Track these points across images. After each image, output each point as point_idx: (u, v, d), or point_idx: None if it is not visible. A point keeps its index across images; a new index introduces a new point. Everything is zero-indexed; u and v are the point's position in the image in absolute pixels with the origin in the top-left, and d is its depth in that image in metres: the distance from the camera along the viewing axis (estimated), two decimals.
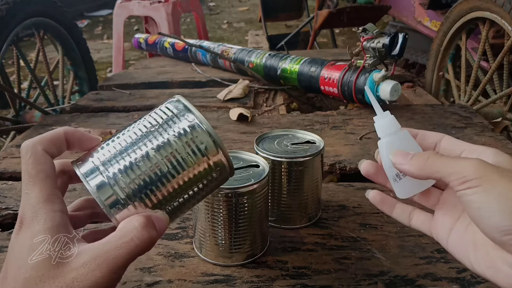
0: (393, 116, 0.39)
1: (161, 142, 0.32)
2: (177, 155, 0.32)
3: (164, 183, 0.32)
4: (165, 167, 0.32)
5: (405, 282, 0.45)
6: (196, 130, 0.32)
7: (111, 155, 0.32)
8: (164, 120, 0.33)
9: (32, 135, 0.88)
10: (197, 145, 0.32)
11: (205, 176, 0.34)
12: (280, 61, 1.07)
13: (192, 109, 0.33)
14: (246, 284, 0.45)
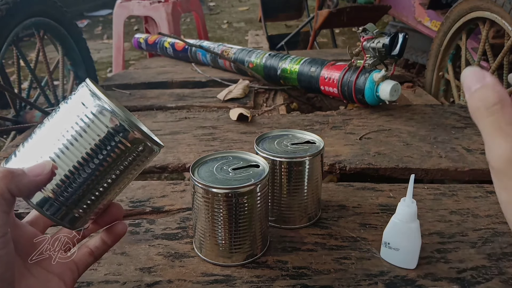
0: (416, 207, 0.44)
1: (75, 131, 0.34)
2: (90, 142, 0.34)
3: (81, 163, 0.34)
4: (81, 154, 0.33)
5: (405, 282, 0.45)
6: (103, 114, 0.34)
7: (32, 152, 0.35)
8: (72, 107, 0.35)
9: None
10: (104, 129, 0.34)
11: (126, 156, 0.35)
12: (280, 61, 1.07)
13: (98, 94, 0.34)
14: (246, 284, 0.45)
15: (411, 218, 0.44)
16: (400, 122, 0.86)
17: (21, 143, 0.36)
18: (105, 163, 0.34)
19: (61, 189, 0.34)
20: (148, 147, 0.36)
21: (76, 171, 0.34)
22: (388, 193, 0.62)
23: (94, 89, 0.35)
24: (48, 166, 0.33)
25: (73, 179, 0.34)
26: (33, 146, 0.35)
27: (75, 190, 0.34)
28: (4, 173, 0.31)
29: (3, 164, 0.36)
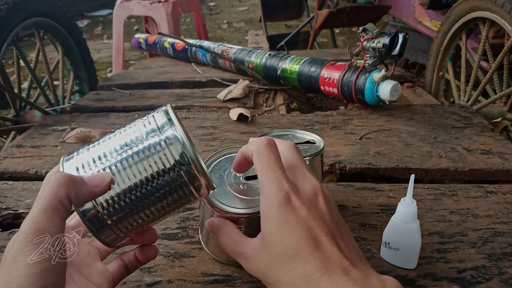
0: (416, 207, 0.44)
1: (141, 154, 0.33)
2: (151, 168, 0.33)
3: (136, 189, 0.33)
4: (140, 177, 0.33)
5: (405, 282, 0.45)
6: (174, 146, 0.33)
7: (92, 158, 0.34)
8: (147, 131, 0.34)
9: (32, 135, 0.88)
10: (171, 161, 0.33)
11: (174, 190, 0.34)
12: (280, 61, 1.07)
13: (175, 124, 0.34)
14: (246, 284, 0.45)
15: (411, 218, 0.44)
16: (400, 122, 0.86)
17: (86, 146, 0.36)
18: (160, 192, 0.34)
19: (110, 205, 0.33)
20: (203, 187, 0.35)
21: (130, 191, 0.33)
22: (388, 193, 0.62)
23: (173, 117, 0.34)
24: (108, 178, 0.32)
25: (124, 199, 0.33)
26: (96, 153, 0.34)
27: (122, 209, 0.33)
28: (66, 179, 0.31)
29: (62, 161, 0.35)
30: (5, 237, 0.54)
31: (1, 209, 0.60)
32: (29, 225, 0.29)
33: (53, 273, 0.28)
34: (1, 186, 0.66)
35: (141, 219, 0.35)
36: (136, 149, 0.33)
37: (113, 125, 0.91)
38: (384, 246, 0.47)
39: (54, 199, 0.30)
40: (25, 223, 0.29)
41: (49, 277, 0.28)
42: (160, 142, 0.33)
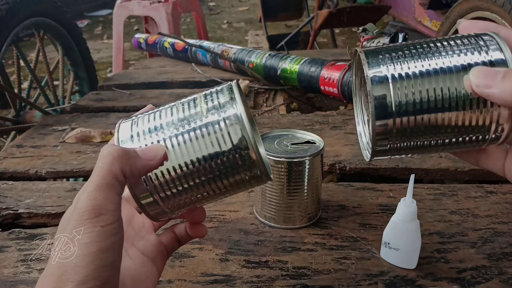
0: (416, 207, 0.44)
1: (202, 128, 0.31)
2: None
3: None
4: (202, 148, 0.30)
5: (405, 282, 0.45)
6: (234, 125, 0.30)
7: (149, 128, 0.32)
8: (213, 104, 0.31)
9: (32, 135, 0.88)
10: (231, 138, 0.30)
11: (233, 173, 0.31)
12: (280, 61, 1.07)
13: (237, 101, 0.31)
14: (246, 284, 0.45)
15: (411, 218, 0.44)
16: None
17: (145, 115, 0.33)
18: (215, 174, 0.31)
19: (160, 180, 0.31)
20: (259, 175, 0.32)
21: (183, 168, 0.31)
22: (388, 193, 0.62)
23: (237, 96, 0.31)
24: (161, 151, 0.30)
25: (176, 175, 0.31)
26: (153, 123, 0.32)
27: (173, 186, 0.31)
28: (119, 153, 0.29)
29: (118, 126, 0.33)
30: (5, 237, 0.54)
31: (1, 209, 0.60)
32: (84, 202, 0.27)
33: (110, 252, 0.27)
34: (1, 186, 0.66)
35: (190, 199, 0.32)
36: (194, 126, 0.31)
37: (113, 125, 0.91)
38: (384, 246, 0.47)
39: (109, 174, 0.28)
40: (81, 200, 0.28)
41: (106, 257, 0.27)
42: (219, 122, 0.31)
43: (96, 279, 0.26)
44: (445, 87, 0.28)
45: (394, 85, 0.28)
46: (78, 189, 0.64)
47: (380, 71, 0.29)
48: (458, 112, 0.28)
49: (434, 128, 0.29)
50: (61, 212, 0.59)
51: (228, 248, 0.51)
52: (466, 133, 0.29)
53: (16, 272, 0.48)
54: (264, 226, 0.55)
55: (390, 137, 0.29)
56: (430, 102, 0.28)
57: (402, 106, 0.28)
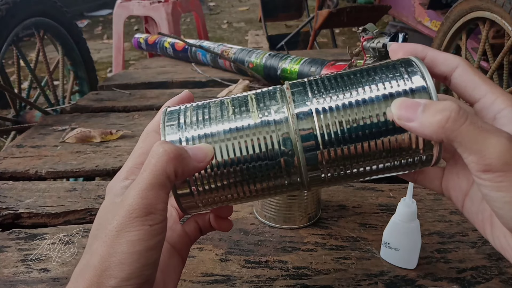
0: (416, 207, 0.44)
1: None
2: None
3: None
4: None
5: (405, 282, 0.45)
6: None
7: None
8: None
9: (32, 135, 0.88)
10: None
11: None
12: (280, 61, 1.07)
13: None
14: (246, 284, 0.45)
15: (411, 218, 0.44)
16: None
17: (193, 108, 0.32)
18: (256, 175, 0.31)
19: (201, 173, 0.30)
20: (298, 182, 0.31)
21: (226, 167, 0.30)
22: (388, 193, 0.62)
23: (288, 98, 0.31)
24: (211, 153, 0.30)
25: (218, 172, 0.30)
26: (203, 121, 0.31)
27: (212, 182, 0.31)
28: (175, 154, 0.28)
29: (166, 110, 0.32)
30: (5, 237, 0.54)
31: (1, 209, 0.60)
32: (135, 200, 0.27)
33: (154, 251, 0.27)
34: (1, 186, 0.66)
35: (225, 196, 0.32)
36: (244, 129, 0.30)
37: (113, 125, 0.91)
38: (384, 246, 0.47)
39: (162, 174, 0.28)
40: (131, 197, 0.27)
41: (151, 255, 0.27)
42: (269, 125, 0.30)
43: (139, 277, 0.26)
44: (368, 117, 0.28)
45: (319, 119, 0.29)
46: (78, 189, 0.65)
47: (305, 107, 0.30)
48: (385, 140, 0.29)
49: (363, 156, 0.29)
50: (61, 212, 0.59)
51: (228, 248, 0.51)
52: (396, 160, 0.30)
53: (16, 272, 0.48)
54: (264, 226, 0.55)
55: (321, 168, 0.30)
56: (355, 132, 0.29)
57: (329, 138, 0.29)
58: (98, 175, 0.73)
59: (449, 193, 0.32)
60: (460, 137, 0.24)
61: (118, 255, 0.26)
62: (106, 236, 0.27)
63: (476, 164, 0.24)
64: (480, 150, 0.24)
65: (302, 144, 0.29)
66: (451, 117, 0.24)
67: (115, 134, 0.84)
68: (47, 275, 0.47)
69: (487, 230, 0.29)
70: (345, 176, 0.31)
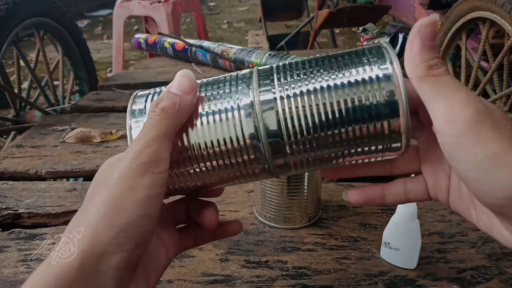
0: (416, 207, 0.45)
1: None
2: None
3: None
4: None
5: (405, 282, 0.45)
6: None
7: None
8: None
9: (32, 135, 0.88)
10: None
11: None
12: (280, 61, 1.07)
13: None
14: (246, 284, 0.45)
15: (411, 218, 0.44)
16: None
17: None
18: (230, 161, 0.30)
19: (178, 161, 0.30)
20: (266, 169, 0.31)
21: (205, 148, 0.29)
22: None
23: (254, 79, 0.30)
24: (192, 76, 0.30)
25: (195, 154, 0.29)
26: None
27: (189, 170, 0.30)
28: (172, 109, 0.28)
29: (134, 95, 0.32)
30: (5, 237, 0.54)
31: (1, 209, 0.60)
32: (139, 147, 0.26)
33: (155, 202, 0.26)
34: (1, 186, 0.66)
35: (198, 184, 0.31)
36: (218, 107, 0.30)
37: (113, 125, 0.91)
38: (384, 246, 0.47)
39: (168, 126, 0.27)
40: (134, 147, 0.27)
41: (152, 206, 0.26)
42: (233, 108, 0.29)
43: (137, 228, 0.25)
44: (333, 103, 0.28)
45: (282, 104, 0.29)
46: (78, 189, 0.65)
47: (269, 93, 0.29)
48: (349, 128, 0.28)
49: (327, 143, 0.29)
50: (61, 212, 0.59)
51: (228, 248, 0.51)
52: (362, 146, 0.29)
53: (16, 272, 0.48)
54: (264, 226, 0.55)
55: (286, 154, 0.30)
56: (318, 119, 0.28)
57: (292, 124, 0.28)
58: None
59: (436, 196, 0.32)
60: (436, 84, 0.26)
61: (119, 202, 0.25)
62: (109, 184, 0.26)
63: (441, 113, 0.25)
64: (449, 99, 0.25)
65: (265, 130, 0.29)
66: (441, 68, 0.26)
67: (115, 134, 0.84)
68: None
69: (473, 215, 0.30)
70: (311, 163, 0.30)
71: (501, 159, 0.24)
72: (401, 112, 0.27)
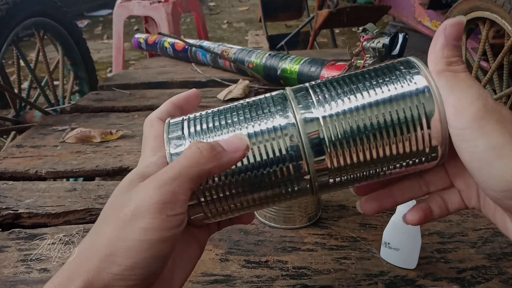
0: None
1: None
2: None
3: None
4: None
5: (405, 282, 0.45)
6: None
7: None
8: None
9: (32, 135, 0.88)
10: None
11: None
12: (280, 61, 1.07)
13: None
14: (246, 284, 0.45)
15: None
16: None
17: (206, 118, 0.33)
18: (267, 182, 0.30)
19: (210, 187, 0.29)
20: (307, 188, 0.31)
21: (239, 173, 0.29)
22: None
23: (292, 101, 0.30)
24: (246, 139, 0.28)
25: (224, 181, 0.29)
26: (213, 131, 0.31)
27: (223, 194, 0.30)
28: (209, 152, 0.27)
29: (168, 122, 0.32)
30: (5, 237, 0.54)
31: (1, 209, 0.60)
32: (158, 185, 0.26)
33: (168, 244, 0.26)
34: (1, 186, 0.66)
35: (236, 205, 0.31)
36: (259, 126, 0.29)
37: (113, 125, 0.91)
38: (384, 246, 0.47)
39: (193, 167, 0.26)
40: (154, 181, 0.26)
41: (163, 248, 0.25)
42: (275, 128, 0.29)
43: (145, 268, 0.25)
44: (374, 120, 0.28)
45: (325, 122, 0.29)
46: (78, 189, 0.65)
47: (310, 112, 0.29)
48: (391, 143, 0.28)
49: (370, 159, 0.29)
50: (61, 212, 0.59)
51: (228, 248, 0.51)
52: (403, 160, 0.29)
53: (16, 272, 0.48)
54: (264, 226, 0.55)
55: (330, 172, 0.30)
56: (360, 136, 0.28)
57: (336, 142, 0.28)
58: (98, 175, 0.73)
59: (471, 205, 0.32)
60: (452, 78, 0.27)
61: (128, 241, 0.25)
62: (119, 220, 0.25)
63: (452, 107, 0.27)
64: (461, 93, 0.27)
65: (310, 149, 0.29)
66: (460, 65, 0.28)
67: (115, 134, 0.84)
68: (47, 275, 0.47)
69: (497, 218, 0.30)
70: (353, 180, 0.30)
71: (502, 151, 0.25)
72: (437, 123, 0.28)
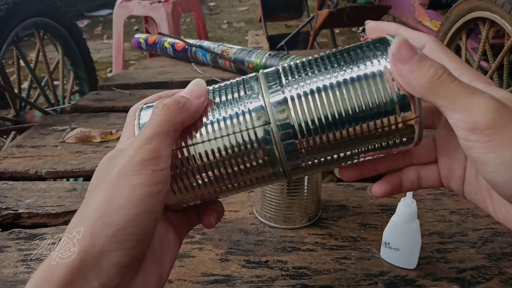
0: (416, 207, 0.44)
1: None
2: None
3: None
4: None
5: (405, 282, 0.45)
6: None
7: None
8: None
9: (32, 135, 0.88)
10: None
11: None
12: (280, 61, 1.07)
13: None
14: (246, 284, 0.45)
15: (411, 218, 0.44)
16: None
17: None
18: (238, 165, 0.29)
19: (186, 171, 0.29)
20: (281, 172, 0.31)
21: (213, 155, 0.29)
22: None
23: (263, 87, 0.30)
24: (204, 84, 0.31)
25: (202, 163, 0.29)
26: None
27: (200, 180, 0.29)
28: (175, 105, 0.28)
29: (140, 108, 0.32)
30: (5, 237, 0.54)
31: (1, 209, 0.60)
32: (138, 145, 0.26)
33: (156, 199, 0.26)
34: (1, 186, 0.66)
35: (211, 191, 0.31)
36: (224, 115, 0.30)
37: (113, 125, 0.91)
38: (384, 246, 0.47)
39: (167, 123, 0.27)
40: (134, 144, 0.27)
41: (152, 204, 0.26)
42: (244, 112, 0.29)
43: (138, 226, 0.25)
44: (346, 101, 0.27)
45: (294, 105, 0.28)
46: (78, 189, 0.65)
47: (279, 94, 0.29)
48: (363, 124, 0.28)
49: (342, 141, 0.28)
50: (61, 212, 0.59)
51: (228, 248, 0.51)
52: (376, 142, 0.29)
53: (16, 272, 0.48)
54: (264, 226, 0.55)
55: (301, 156, 0.29)
56: (332, 118, 0.28)
57: (306, 125, 0.28)
58: None
59: (449, 185, 0.32)
60: (447, 95, 0.25)
61: (118, 200, 0.25)
62: (106, 184, 0.26)
63: (462, 122, 0.24)
64: (467, 107, 0.24)
65: (279, 133, 0.28)
66: (443, 75, 0.25)
67: (115, 134, 0.84)
68: None
69: (489, 206, 0.30)
70: (326, 162, 0.30)
71: None
72: (412, 104, 0.27)
